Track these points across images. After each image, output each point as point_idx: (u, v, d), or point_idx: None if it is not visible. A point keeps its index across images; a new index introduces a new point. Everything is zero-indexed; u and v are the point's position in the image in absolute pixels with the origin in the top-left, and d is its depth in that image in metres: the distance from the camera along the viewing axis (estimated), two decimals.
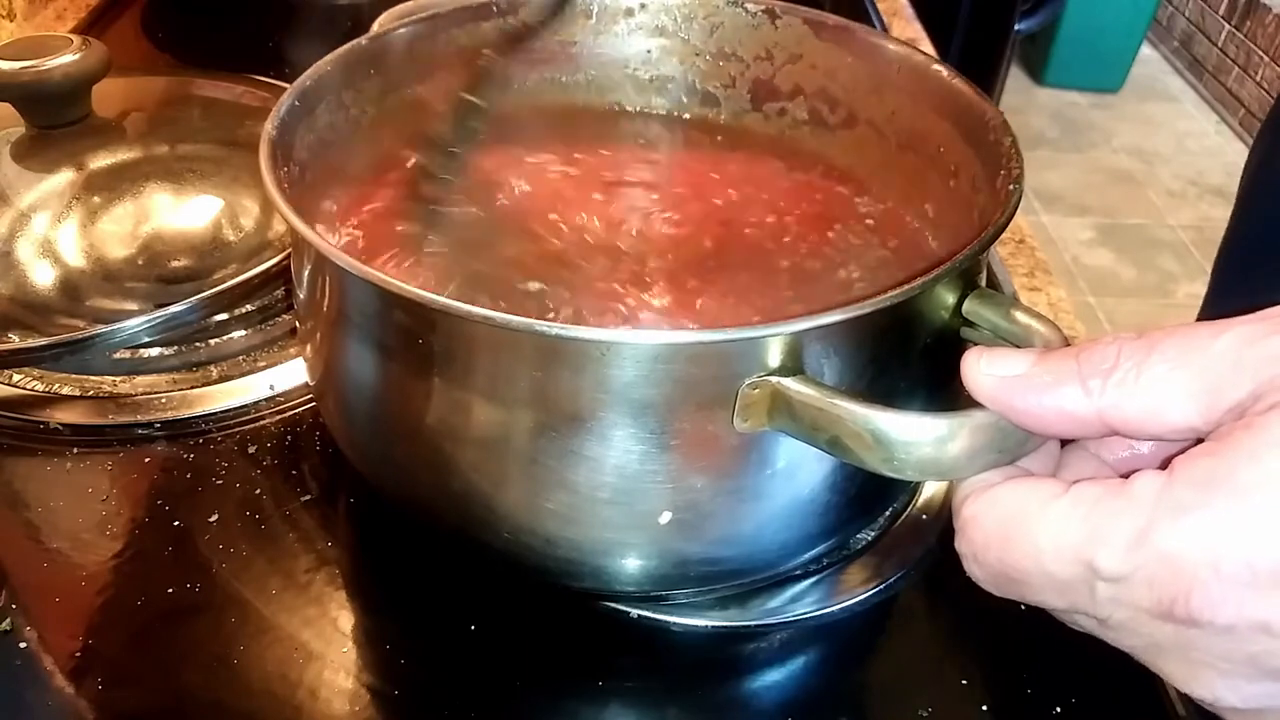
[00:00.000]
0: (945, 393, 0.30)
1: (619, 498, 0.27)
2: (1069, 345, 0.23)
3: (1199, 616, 0.19)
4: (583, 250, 0.37)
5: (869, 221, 0.39)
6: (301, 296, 0.33)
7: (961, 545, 0.23)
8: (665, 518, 0.28)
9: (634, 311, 0.34)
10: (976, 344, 0.28)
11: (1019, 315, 0.27)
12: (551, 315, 0.34)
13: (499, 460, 0.28)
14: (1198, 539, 0.18)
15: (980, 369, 0.22)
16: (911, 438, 0.23)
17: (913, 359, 0.29)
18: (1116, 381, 0.20)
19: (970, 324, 0.28)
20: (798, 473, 0.28)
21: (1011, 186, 0.30)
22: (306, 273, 0.31)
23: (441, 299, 0.25)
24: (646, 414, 0.26)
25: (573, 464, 0.27)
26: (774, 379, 0.25)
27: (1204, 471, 0.19)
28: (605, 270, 0.36)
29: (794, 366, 0.25)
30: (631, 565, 0.30)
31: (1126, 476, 0.21)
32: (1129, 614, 0.20)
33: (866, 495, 0.31)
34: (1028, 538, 0.21)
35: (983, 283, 0.30)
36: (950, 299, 0.28)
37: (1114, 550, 0.19)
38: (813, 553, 0.32)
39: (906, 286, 0.25)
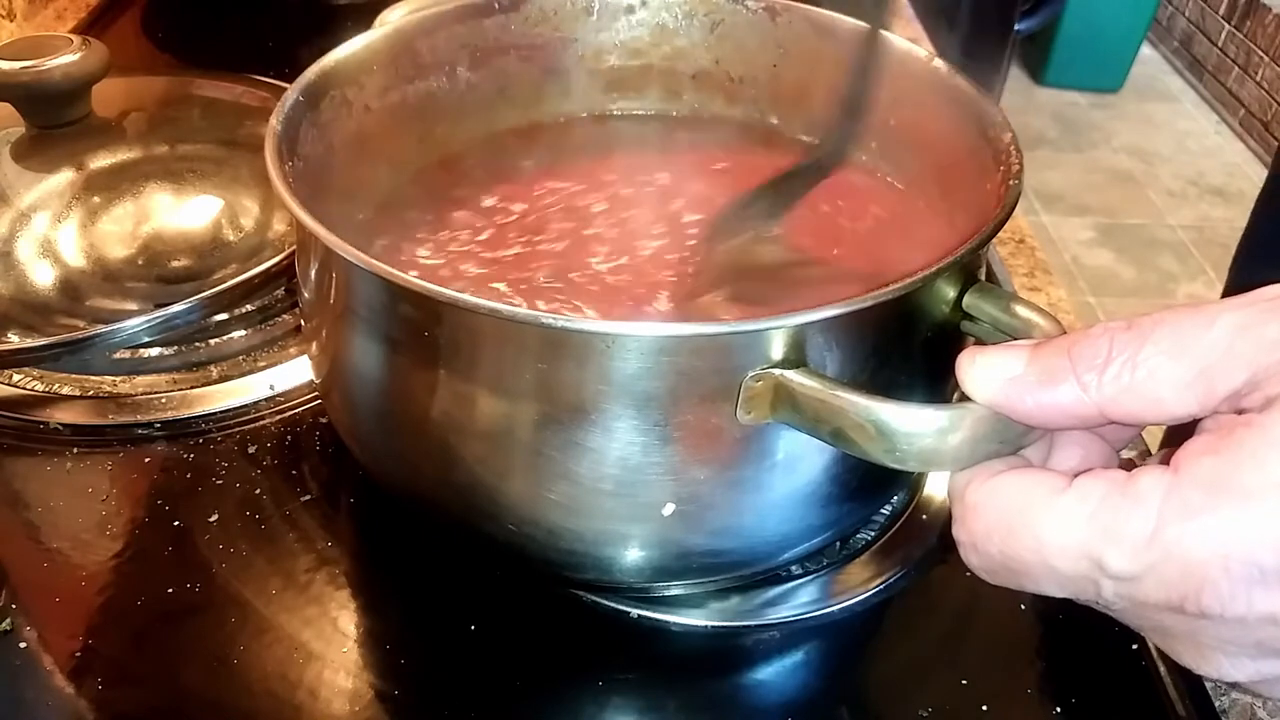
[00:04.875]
0: (946, 385, 0.30)
1: (622, 489, 0.27)
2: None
3: (1209, 612, 0.19)
4: (586, 243, 0.37)
5: (868, 215, 0.39)
6: (307, 293, 0.33)
7: (960, 533, 0.23)
8: (668, 509, 0.28)
9: (641, 305, 0.34)
10: (976, 337, 0.29)
11: (1019, 309, 0.27)
12: (558, 308, 0.34)
13: (503, 452, 0.28)
14: (1207, 541, 0.19)
15: (975, 372, 0.22)
16: (913, 429, 0.23)
17: (914, 352, 0.29)
18: (1113, 376, 0.20)
19: (970, 318, 0.29)
20: (799, 465, 0.28)
21: (1011, 182, 0.30)
22: (313, 268, 0.31)
23: (448, 291, 0.25)
24: (650, 406, 0.26)
25: (576, 456, 0.27)
26: (777, 371, 0.25)
27: (1209, 472, 0.19)
28: (607, 263, 0.36)
29: (797, 359, 0.25)
30: (634, 556, 0.30)
31: (1121, 455, 0.21)
32: (1136, 606, 0.20)
33: (868, 487, 0.31)
34: (1032, 532, 0.21)
35: (983, 277, 0.30)
36: (951, 293, 0.28)
37: (1123, 551, 0.20)
38: (814, 543, 0.32)
39: (907, 280, 0.26)
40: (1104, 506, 0.20)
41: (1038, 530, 0.21)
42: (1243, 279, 0.60)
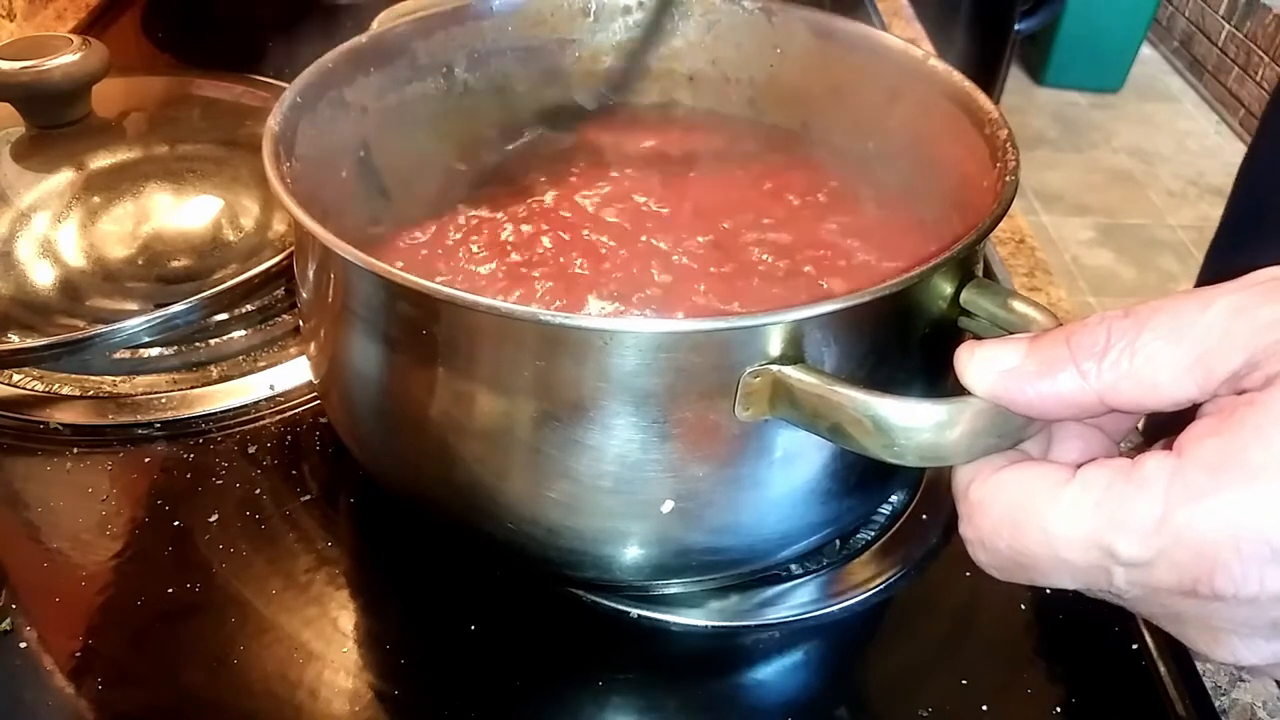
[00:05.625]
0: (944, 381, 0.30)
1: (621, 487, 0.27)
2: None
3: (1223, 593, 0.19)
4: (583, 243, 0.37)
5: (867, 213, 0.39)
6: (305, 293, 0.33)
7: (967, 531, 0.22)
8: (667, 506, 0.28)
9: (636, 302, 0.34)
10: (973, 333, 0.29)
11: (1016, 304, 0.27)
12: (556, 305, 0.34)
13: (502, 450, 0.28)
14: (1217, 522, 0.19)
15: (974, 364, 0.22)
16: (912, 424, 0.23)
17: (912, 347, 0.29)
18: (1111, 363, 0.20)
19: (968, 314, 0.29)
20: (798, 461, 0.28)
21: (1008, 178, 0.30)
22: (311, 268, 0.31)
23: (446, 289, 0.25)
24: (648, 403, 0.26)
25: (575, 453, 0.27)
26: (775, 367, 0.25)
27: (1214, 453, 0.19)
28: (606, 262, 0.36)
29: (795, 355, 0.25)
30: (634, 554, 0.30)
31: (1120, 443, 0.21)
32: (1149, 592, 0.20)
33: (867, 484, 0.31)
34: (1039, 525, 0.21)
35: (980, 273, 0.30)
36: (948, 289, 0.28)
37: (1133, 537, 0.19)
38: (813, 541, 0.32)
39: (905, 276, 0.26)
40: (1109, 494, 0.20)
41: (1044, 523, 0.21)
42: (1223, 258, 0.60)
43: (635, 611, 0.35)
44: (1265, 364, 0.19)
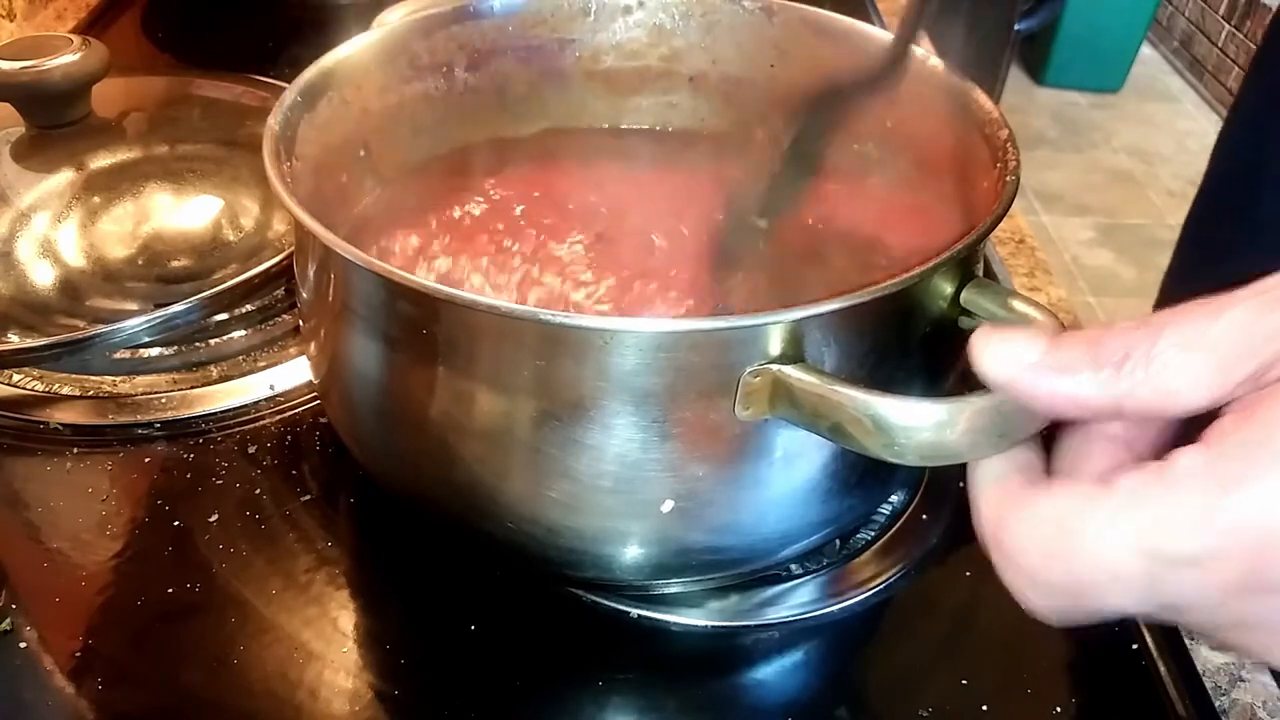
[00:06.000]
0: (944, 380, 0.30)
1: (621, 486, 0.28)
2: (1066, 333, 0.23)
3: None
4: (586, 241, 0.37)
5: (867, 214, 0.39)
6: (305, 293, 0.33)
7: (1014, 577, 0.22)
8: (667, 506, 0.28)
9: (637, 303, 0.34)
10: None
11: (1016, 304, 0.27)
12: (561, 303, 0.34)
13: (502, 450, 0.28)
14: (1261, 509, 0.18)
15: (992, 352, 0.22)
16: (912, 423, 0.23)
17: (912, 347, 0.29)
18: (1128, 371, 0.20)
19: (968, 313, 0.29)
20: (798, 461, 0.28)
21: (1009, 179, 0.30)
22: (311, 268, 0.31)
23: (446, 289, 0.25)
24: (648, 402, 0.26)
25: (575, 453, 0.27)
26: (775, 367, 0.25)
27: (1245, 442, 0.19)
28: (607, 264, 0.36)
29: (795, 354, 0.25)
30: (633, 554, 0.30)
31: (1132, 446, 0.21)
32: (1209, 595, 0.20)
33: (867, 483, 0.31)
34: (1084, 545, 0.20)
35: (980, 273, 0.30)
36: (948, 288, 0.28)
37: (1179, 533, 0.19)
38: (814, 540, 0.32)
39: (905, 275, 0.26)
40: (1146, 497, 0.20)
41: (1090, 540, 0.20)
42: (1197, 245, 0.60)
43: (635, 611, 0.35)
44: (1278, 365, 0.19)
